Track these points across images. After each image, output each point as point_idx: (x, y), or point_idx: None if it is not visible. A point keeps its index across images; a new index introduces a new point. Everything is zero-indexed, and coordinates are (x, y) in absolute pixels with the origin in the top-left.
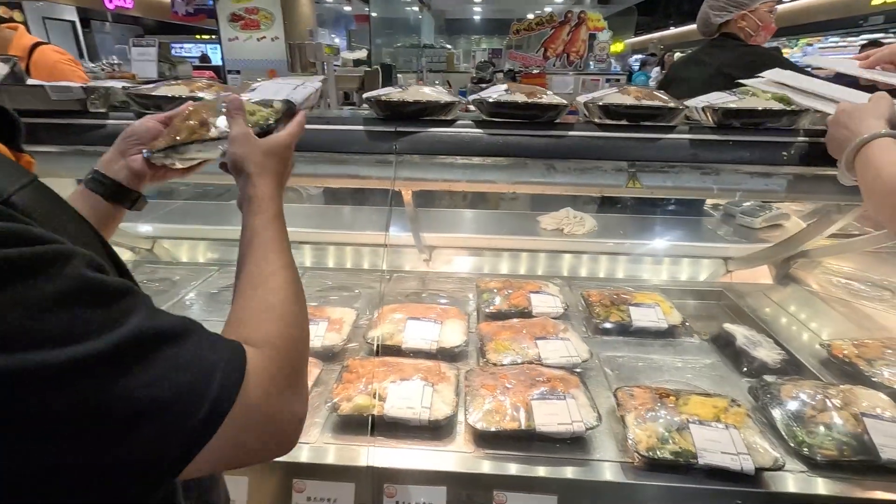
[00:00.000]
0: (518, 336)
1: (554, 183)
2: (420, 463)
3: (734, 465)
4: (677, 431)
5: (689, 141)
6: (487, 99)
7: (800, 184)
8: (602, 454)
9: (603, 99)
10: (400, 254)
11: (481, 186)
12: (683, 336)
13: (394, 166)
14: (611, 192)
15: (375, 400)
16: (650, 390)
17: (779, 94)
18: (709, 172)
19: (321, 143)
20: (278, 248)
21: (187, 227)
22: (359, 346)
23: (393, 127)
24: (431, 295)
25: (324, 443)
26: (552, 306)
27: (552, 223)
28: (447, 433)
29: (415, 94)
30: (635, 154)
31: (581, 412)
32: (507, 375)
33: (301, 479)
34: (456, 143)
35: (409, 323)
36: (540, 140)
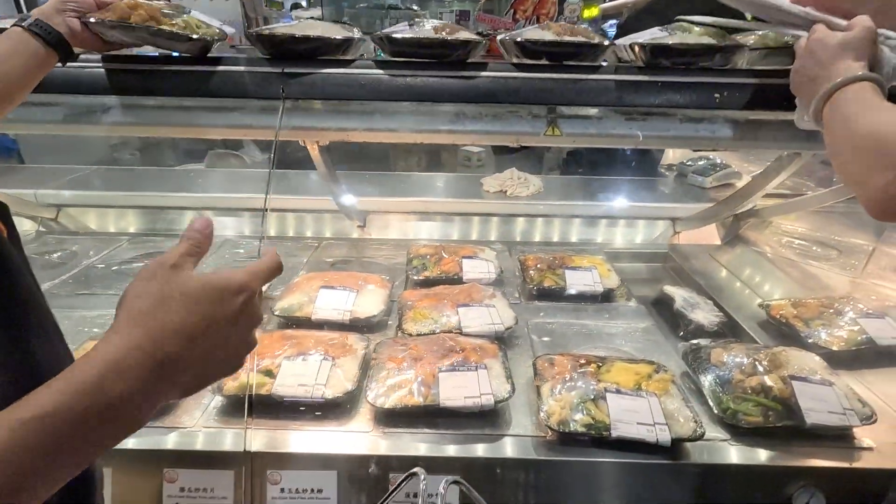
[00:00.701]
0: (439, 304)
1: (464, 131)
2: (310, 446)
3: (650, 437)
4: (593, 402)
5: (613, 82)
6: (390, 35)
7: (734, 130)
8: (518, 429)
9: (521, 35)
10: (340, 219)
11: (381, 136)
12: (621, 300)
13: (280, 113)
14: (527, 140)
15: (266, 378)
16: (572, 358)
17: (713, 30)
18: (634, 118)
19: (197, 87)
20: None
21: (96, 193)
22: (267, 318)
23: (280, 68)
24: (363, 263)
25: (202, 427)
26: (484, 272)
27: (495, 185)
28: (348, 412)
29: (304, 28)
30: (554, 97)
31: (493, 384)
32: (418, 346)
33: (173, 468)
34: (352, 87)
35: (321, 292)
36: (447, 82)
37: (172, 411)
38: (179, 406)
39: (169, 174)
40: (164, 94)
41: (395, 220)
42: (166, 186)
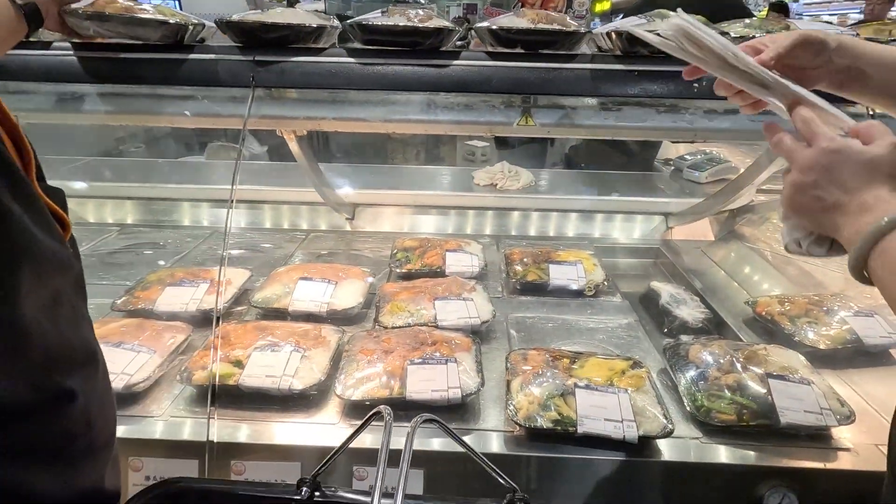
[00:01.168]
0: (417, 297)
1: (435, 121)
2: (275, 437)
3: (616, 433)
4: (561, 397)
5: (589, 71)
6: (362, 23)
7: (713, 120)
8: (487, 424)
9: (495, 22)
10: (333, 212)
11: (352, 125)
12: (605, 295)
13: (249, 102)
14: (501, 130)
15: (236, 368)
16: (545, 353)
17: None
18: (610, 108)
19: (168, 74)
20: None
21: (89, 184)
22: (246, 309)
23: (251, 56)
24: (349, 255)
25: (170, 416)
26: (468, 265)
27: (486, 178)
28: (317, 404)
29: (277, 16)
30: (527, 87)
31: (462, 378)
32: (390, 339)
33: (138, 456)
34: (322, 75)
35: (299, 284)
36: (419, 70)
37: (141, 400)
38: (149, 396)
39: (166, 166)
40: (135, 82)
41: (384, 213)
42: (161, 178)
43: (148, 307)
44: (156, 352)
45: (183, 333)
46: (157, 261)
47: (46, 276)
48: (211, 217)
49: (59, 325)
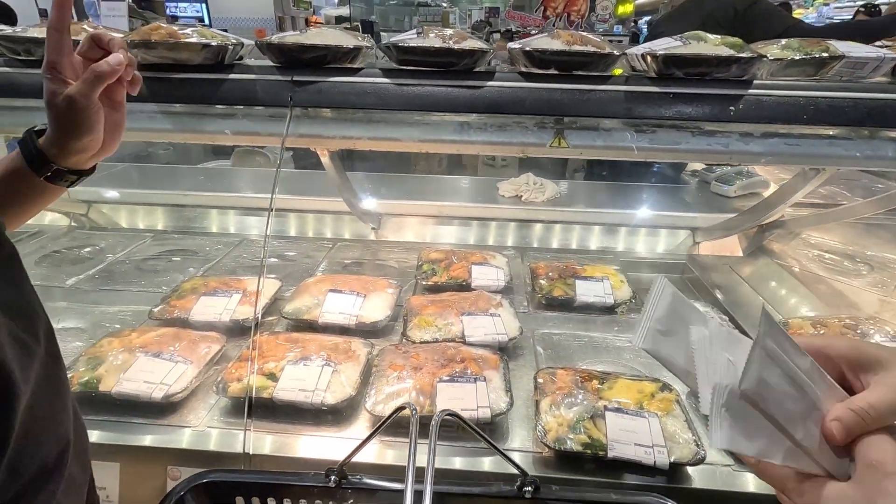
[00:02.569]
0: (444, 311)
1: (469, 141)
2: (308, 450)
3: (647, 459)
4: (591, 420)
5: (623, 93)
6: (397, 44)
7: (750, 144)
8: (516, 443)
9: (529, 44)
10: (357, 221)
11: (385, 145)
12: (632, 312)
13: (287, 121)
14: (534, 151)
15: (270, 381)
16: (574, 372)
17: (730, 40)
18: (644, 130)
19: (209, 94)
20: None
21: (123, 191)
22: (276, 319)
23: (290, 76)
24: (375, 265)
25: (206, 426)
26: (493, 279)
27: (511, 190)
28: (347, 418)
29: (314, 37)
30: (560, 108)
31: (491, 397)
32: (419, 355)
33: (176, 465)
34: (357, 95)
35: (329, 296)
36: (452, 91)
37: (179, 410)
38: (185, 406)
39: (195, 172)
40: (179, 101)
41: (409, 223)
42: (191, 185)
43: (183, 316)
44: (192, 362)
45: (217, 344)
46: (188, 268)
47: None
48: (239, 224)
49: None
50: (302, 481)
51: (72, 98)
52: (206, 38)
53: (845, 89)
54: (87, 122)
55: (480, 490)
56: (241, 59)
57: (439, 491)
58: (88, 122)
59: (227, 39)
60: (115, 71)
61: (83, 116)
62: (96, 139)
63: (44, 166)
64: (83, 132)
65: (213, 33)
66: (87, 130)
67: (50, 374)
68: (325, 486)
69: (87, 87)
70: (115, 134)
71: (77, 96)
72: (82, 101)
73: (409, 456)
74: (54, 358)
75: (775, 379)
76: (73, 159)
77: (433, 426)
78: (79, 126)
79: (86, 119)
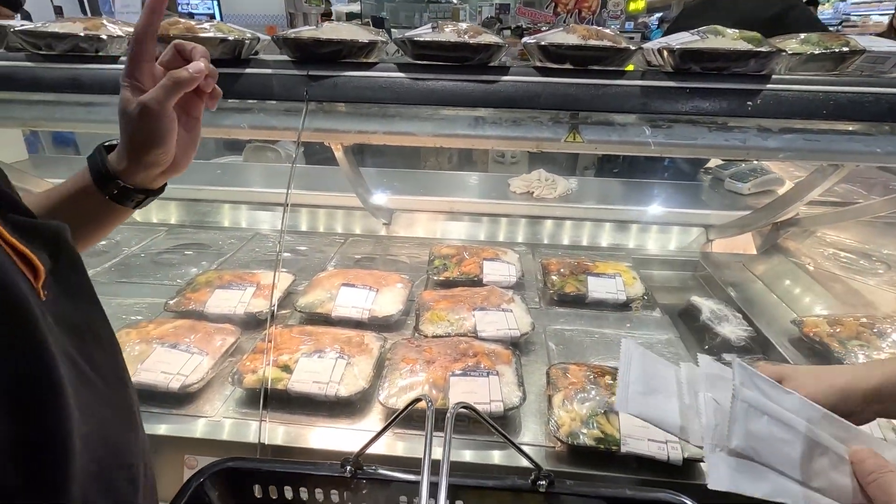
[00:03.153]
0: (456, 306)
1: (483, 136)
2: (322, 441)
3: (660, 455)
4: (604, 415)
5: (639, 88)
6: (412, 39)
7: (768, 140)
8: (528, 438)
9: (545, 38)
10: (369, 216)
11: (400, 139)
12: (644, 309)
13: (303, 115)
14: (548, 146)
15: (284, 373)
16: (587, 368)
17: (748, 34)
18: (660, 125)
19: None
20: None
21: None
22: (290, 313)
23: (305, 70)
24: (386, 260)
25: (222, 416)
26: (505, 275)
27: (522, 186)
28: (362, 410)
29: (329, 32)
30: (576, 103)
31: (504, 391)
32: (432, 349)
33: (193, 454)
34: (373, 90)
35: (341, 290)
36: (468, 86)
37: (195, 401)
38: (202, 396)
39: (209, 167)
40: None
41: (420, 219)
42: (205, 179)
43: (199, 309)
44: (208, 354)
45: (232, 336)
46: (202, 261)
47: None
48: (250, 219)
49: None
50: (318, 471)
51: (145, 104)
52: (223, 32)
53: (866, 84)
54: (160, 131)
55: (495, 483)
56: (256, 55)
57: (453, 483)
58: (161, 131)
59: (243, 34)
60: (193, 79)
61: (156, 125)
62: (168, 152)
63: (110, 183)
64: (154, 143)
65: (230, 28)
66: (159, 141)
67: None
68: (340, 475)
69: (162, 94)
70: (188, 151)
71: (151, 103)
72: (156, 107)
73: (426, 447)
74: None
75: (764, 428)
76: (141, 175)
77: (449, 418)
78: (150, 135)
79: (158, 128)
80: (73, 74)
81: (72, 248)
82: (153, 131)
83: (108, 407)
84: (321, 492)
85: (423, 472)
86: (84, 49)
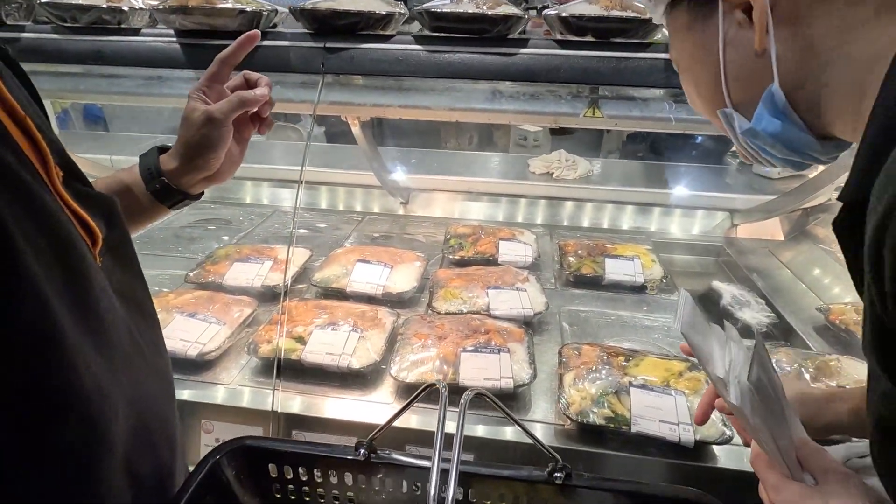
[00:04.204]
0: (470, 284)
1: (500, 110)
2: (333, 412)
3: (671, 436)
4: (615, 395)
5: (664, 62)
6: (430, 10)
7: None
8: (537, 415)
9: (566, 9)
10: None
11: (416, 113)
12: (662, 292)
13: (319, 88)
14: (566, 121)
15: (298, 344)
16: (600, 348)
17: None
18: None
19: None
20: None
21: None
22: (306, 287)
23: (322, 43)
24: (403, 239)
25: (238, 385)
26: (521, 255)
27: (542, 166)
28: (374, 383)
29: (347, 3)
30: (596, 77)
31: (514, 368)
32: (444, 325)
33: (209, 419)
34: (389, 62)
35: (357, 266)
36: (486, 58)
37: (212, 368)
38: (219, 364)
39: None
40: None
41: (438, 199)
42: None
43: (217, 280)
44: (225, 323)
45: (249, 307)
46: (222, 236)
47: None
48: (271, 196)
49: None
50: (332, 453)
51: (211, 113)
52: (241, 4)
53: None
54: (217, 138)
55: (510, 473)
56: (275, 27)
57: (467, 471)
58: (217, 138)
59: (261, 6)
60: (256, 100)
61: (215, 133)
62: (218, 158)
63: (155, 179)
64: (209, 148)
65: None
66: (214, 147)
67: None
68: (354, 458)
69: (227, 107)
70: (232, 166)
71: (216, 113)
72: (220, 117)
73: (437, 432)
74: (161, 354)
75: (764, 384)
76: (186, 178)
77: (463, 404)
78: (207, 140)
79: (216, 135)
80: (97, 47)
81: (123, 221)
82: (211, 137)
83: (152, 375)
84: (335, 473)
85: (433, 459)
86: (107, 21)
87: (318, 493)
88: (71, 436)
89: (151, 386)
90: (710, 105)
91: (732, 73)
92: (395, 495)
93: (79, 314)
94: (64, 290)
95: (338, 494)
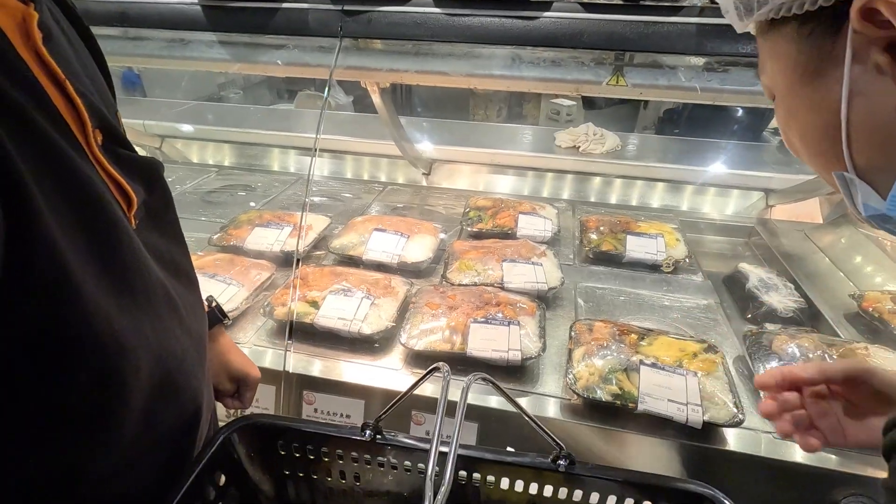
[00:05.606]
0: (485, 257)
1: (519, 77)
2: (344, 375)
3: (679, 416)
4: (624, 372)
5: (695, 27)
6: None
7: None
8: (545, 388)
9: None
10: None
11: (433, 79)
12: (685, 273)
13: (336, 52)
14: (588, 90)
15: (312, 308)
16: (613, 325)
17: None
18: (715, 68)
19: (262, 23)
20: None
21: (192, 127)
22: (324, 254)
23: (340, 6)
24: (423, 210)
25: (254, 344)
26: (540, 230)
27: (569, 140)
28: (384, 349)
29: None
30: (622, 42)
31: (524, 342)
32: (456, 296)
33: None
34: (407, 26)
35: (373, 234)
36: (506, 22)
37: (230, 329)
38: (236, 325)
39: (259, 113)
40: (234, 31)
41: (461, 171)
42: (255, 124)
43: (238, 244)
44: (244, 286)
45: (267, 271)
46: (248, 202)
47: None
48: (297, 164)
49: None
50: (339, 433)
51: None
52: None
53: None
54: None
55: (513, 459)
56: None
57: (470, 455)
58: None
59: None
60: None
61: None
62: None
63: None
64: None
65: None
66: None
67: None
68: (360, 439)
69: (240, 404)
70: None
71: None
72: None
73: (438, 416)
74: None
75: None
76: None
77: (463, 393)
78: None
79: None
80: (122, 8)
81: (166, 185)
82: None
83: (185, 335)
84: (341, 452)
85: (432, 443)
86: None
87: (326, 470)
88: (83, 386)
89: (183, 344)
90: (820, 160)
91: (860, 131)
92: (399, 475)
93: (102, 271)
94: (88, 249)
95: (344, 473)
